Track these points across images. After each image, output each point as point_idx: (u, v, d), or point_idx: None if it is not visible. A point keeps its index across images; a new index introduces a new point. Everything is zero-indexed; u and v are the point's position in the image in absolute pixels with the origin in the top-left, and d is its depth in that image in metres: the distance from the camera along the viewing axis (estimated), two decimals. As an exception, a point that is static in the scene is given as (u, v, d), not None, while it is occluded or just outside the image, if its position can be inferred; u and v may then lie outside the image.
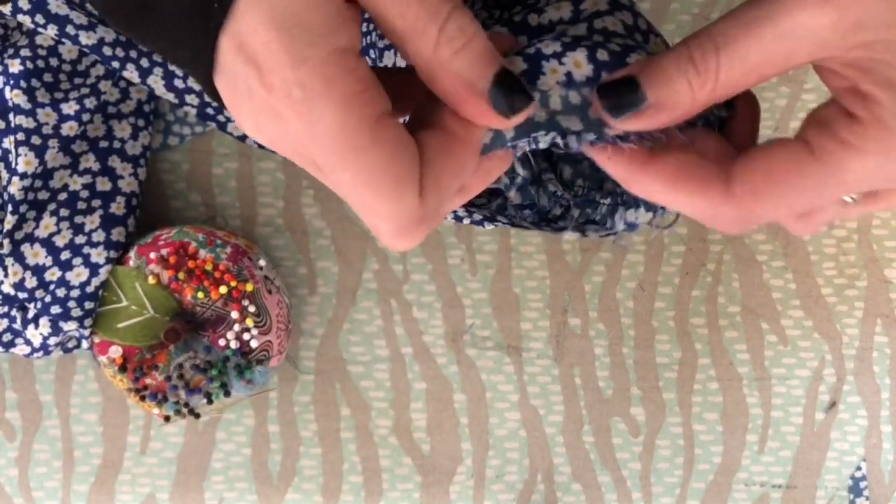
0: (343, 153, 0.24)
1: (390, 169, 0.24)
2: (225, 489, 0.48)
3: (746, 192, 0.26)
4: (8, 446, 0.48)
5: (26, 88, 0.42)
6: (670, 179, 0.27)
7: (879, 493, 0.49)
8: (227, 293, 0.42)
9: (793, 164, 0.26)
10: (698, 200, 0.27)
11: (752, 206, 0.26)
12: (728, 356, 0.49)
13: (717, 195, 0.27)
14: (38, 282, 0.43)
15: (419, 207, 0.25)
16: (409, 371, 0.48)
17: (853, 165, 0.25)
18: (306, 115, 0.23)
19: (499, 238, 0.48)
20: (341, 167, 0.24)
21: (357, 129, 0.24)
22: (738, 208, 0.27)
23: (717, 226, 0.28)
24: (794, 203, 0.26)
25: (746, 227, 0.28)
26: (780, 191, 0.26)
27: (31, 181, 0.42)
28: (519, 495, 0.49)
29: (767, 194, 0.26)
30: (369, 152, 0.24)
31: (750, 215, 0.27)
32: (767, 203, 0.26)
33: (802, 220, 0.28)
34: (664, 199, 0.28)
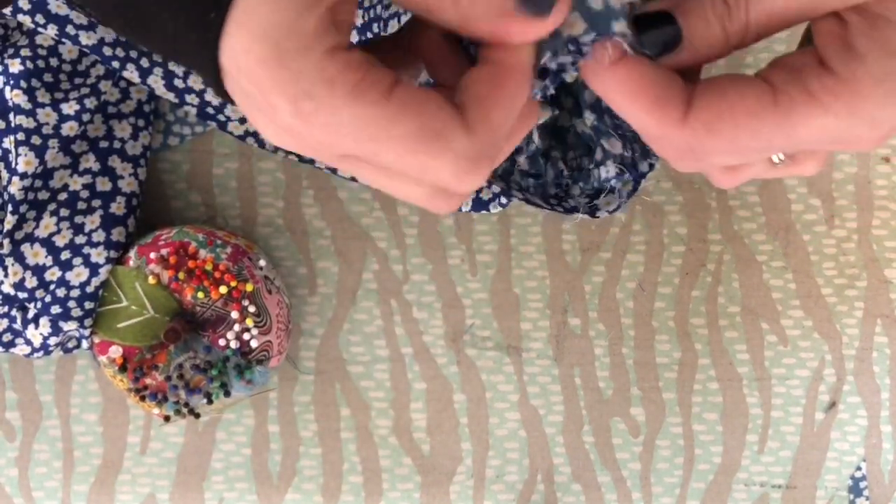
0: (377, 137, 0.24)
1: (426, 125, 0.24)
2: (225, 489, 0.48)
3: (700, 122, 0.25)
4: (8, 446, 0.48)
5: (26, 88, 0.42)
6: (631, 85, 0.26)
7: (879, 493, 0.49)
8: (227, 293, 0.42)
9: (753, 105, 0.25)
10: (651, 117, 0.26)
11: (702, 138, 0.26)
12: (728, 356, 0.49)
13: (672, 118, 0.26)
14: (38, 282, 0.43)
15: (472, 144, 0.25)
16: (409, 371, 0.48)
17: (812, 121, 0.24)
18: (324, 122, 0.24)
19: (499, 238, 0.48)
20: (382, 149, 0.24)
21: (376, 111, 0.24)
22: (688, 137, 0.26)
23: (663, 152, 0.27)
24: (743, 144, 0.25)
25: (689, 162, 0.27)
26: (734, 128, 0.25)
27: (32, 181, 0.42)
28: (519, 495, 0.49)
29: (720, 129, 0.25)
30: (399, 123, 0.24)
31: (697, 148, 0.26)
32: (718, 138, 0.25)
33: (729, 171, 0.28)
34: (620, 105, 0.26)
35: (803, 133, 0.24)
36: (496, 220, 0.48)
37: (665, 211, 0.48)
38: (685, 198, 0.48)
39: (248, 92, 0.24)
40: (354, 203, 0.48)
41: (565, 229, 0.48)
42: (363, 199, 0.48)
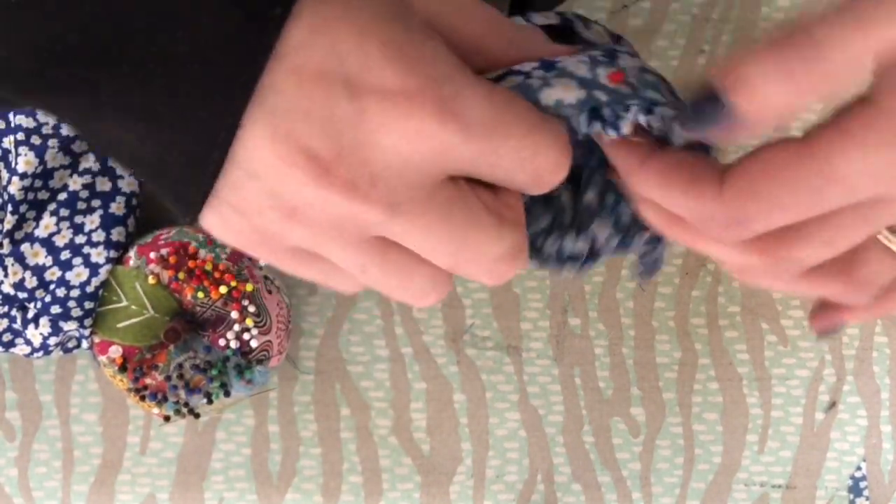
0: (501, 119, 0.22)
1: (529, 107, 0.23)
2: (225, 489, 0.48)
3: (736, 189, 0.24)
4: (8, 446, 0.48)
5: (26, 88, 0.42)
6: (665, 172, 0.25)
7: (879, 493, 0.50)
8: (226, 293, 0.42)
9: (784, 154, 0.24)
10: (690, 197, 0.25)
11: (742, 204, 0.24)
12: (728, 356, 0.49)
13: (709, 191, 0.25)
14: (38, 282, 0.43)
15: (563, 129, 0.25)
16: (408, 371, 0.48)
17: (848, 154, 0.23)
18: (460, 109, 0.22)
19: (499, 238, 0.48)
20: (504, 134, 0.22)
21: (495, 93, 0.23)
22: (728, 207, 0.24)
23: (711, 230, 0.26)
24: (787, 203, 0.24)
25: (738, 233, 0.25)
26: (769, 181, 0.24)
27: (31, 181, 0.42)
28: (519, 495, 0.49)
29: (756, 190, 0.24)
30: (513, 102, 0.23)
31: (741, 216, 0.25)
32: (757, 201, 0.24)
33: (832, 274, 0.27)
34: (658, 193, 0.26)
35: (843, 169, 0.23)
36: (496, 219, 0.48)
37: (665, 211, 0.48)
38: (685, 198, 0.48)
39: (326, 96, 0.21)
40: (354, 203, 0.48)
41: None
42: (363, 198, 0.48)
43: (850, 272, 0.27)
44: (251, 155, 0.21)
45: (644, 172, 0.26)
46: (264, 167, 0.22)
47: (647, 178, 0.26)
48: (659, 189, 0.26)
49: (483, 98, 0.22)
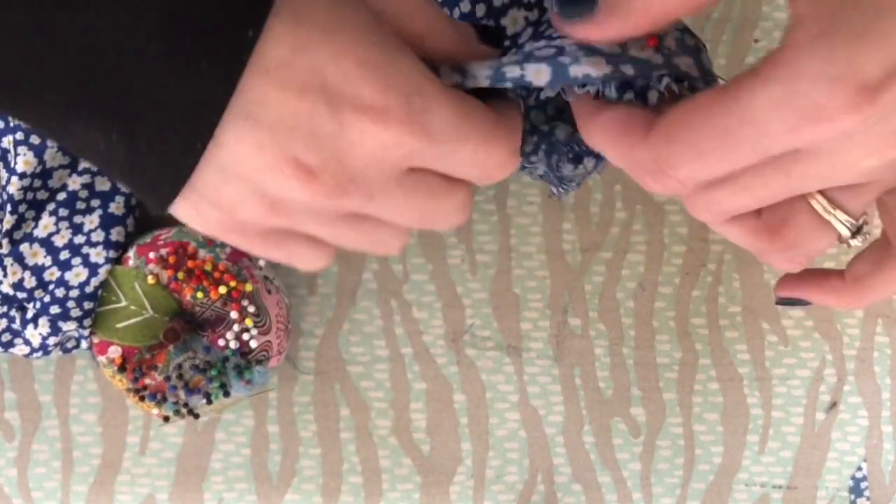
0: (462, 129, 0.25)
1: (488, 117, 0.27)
2: (224, 489, 0.48)
3: (658, 134, 0.25)
4: (7, 446, 0.48)
5: (25, 88, 0.42)
6: (605, 124, 0.27)
7: (880, 493, 0.49)
8: (226, 293, 0.42)
9: (703, 100, 0.24)
10: (619, 143, 0.27)
11: (663, 148, 0.25)
12: (728, 356, 0.49)
13: (636, 136, 0.26)
14: (37, 282, 0.43)
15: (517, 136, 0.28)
16: (408, 371, 0.48)
17: (758, 95, 0.23)
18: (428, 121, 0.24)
19: (499, 238, 0.48)
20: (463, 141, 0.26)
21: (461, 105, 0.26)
22: (651, 152, 0.26)
23: (636, 174, 0.27)
24: (704, 146, 0.24)
25: (661, 179, 0.26)
26: (687, 129, 0.24)
27: (30, 181, 0.42)
28: (519, 496, 0.49)
29: (675, 133, 0.25)
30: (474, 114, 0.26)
31: (662, 161, 0.25)
32: (677, 144, 0.25)
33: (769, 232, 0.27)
34: (599, 144, 0.28)
35: (759, 112, 0.23)
36: (496, 219, 0.48)
37: (666, 210, 0.48)
38: (686, 197, 0.48)
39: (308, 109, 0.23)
40: (354, 203, 0.48)
41: (566, 229, 0.48)
42: (363, 198, 0.48)
43: (778, 230, 0.27)
44: (238, 160, 0.24)
45: (591, 126, 0.28)
46: (252, 171, 0.24)
47: (591, 131, 0.28)
48: (600, 140, 0.27)
49: (447, 110, 0.25)
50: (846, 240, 0.28)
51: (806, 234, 0.27)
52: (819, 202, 0.27)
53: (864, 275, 0.30)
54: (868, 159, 0.24)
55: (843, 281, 0.30)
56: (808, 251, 0.28)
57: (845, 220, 0.27)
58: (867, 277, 0.30)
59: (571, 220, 0.48)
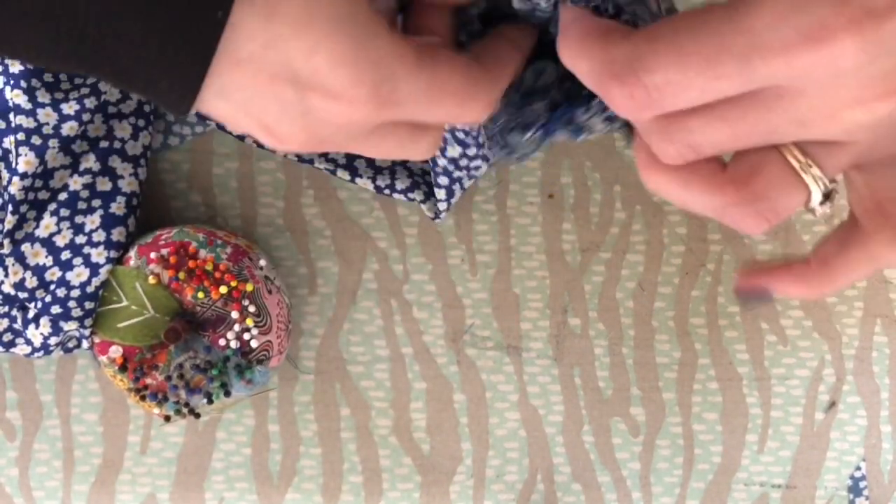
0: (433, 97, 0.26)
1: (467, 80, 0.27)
2: (225, 489, 0.48)
3: (642, 33, 0.24)
4: (8, 446, 0.48)
5: (26, 88, 0.42)
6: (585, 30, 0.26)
7: (879, 493, 0.50)
8: (227, 293, 0.42)
9: (703, 9, 0.23)
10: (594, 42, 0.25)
11: (642, 46, 0.23)
12: (728, 356, 0.49)
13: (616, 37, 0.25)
14: (38, 282, 0.43)
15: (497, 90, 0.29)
16: (409, 371, 0.48)
17: (763, 3, 0.22)
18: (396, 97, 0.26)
19: (499, 238, 0.48)
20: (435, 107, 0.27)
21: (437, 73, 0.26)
22: (624, 49, 0.24)
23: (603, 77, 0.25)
24: (688, 50, 0.22)
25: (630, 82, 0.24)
26: (675, 32, 0.23)
27: (32, 181, 0.42)
28: (519, 495, 0.49)
29: (661, 34, 0.23)
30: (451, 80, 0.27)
31: (637, 59, 0.23)
32: (659, 44, 0.23)
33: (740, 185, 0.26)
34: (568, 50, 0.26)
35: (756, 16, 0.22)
36: (496, 219, 0.48)
37: (665, 211, 0.48)
38: (685, 198, 0.48)
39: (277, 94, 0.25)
40: (354, 203, 0.48)
41: (565, 229, 0.48)
42: (363, 199, 0.48)
43: (746, 180, 0.26)
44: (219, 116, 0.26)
45: (571, 28, 0.27)
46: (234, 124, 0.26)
47: (569, 32, 0.27)
48: (575, 39, 0.26)
49: (419, 85, 0.26)
50: (814, 205, 0.26)
51: (776, 187, 0.26)
52: (794, 154, 0.25)
53: (830, 256, 0.28)
54: (853, 109, 0.23)
55: (807, 267, 0.29)
56: (775, 205, 0.26)
57: (819, 178, 0.26)
58: (834, 258, 0.28)
59: (571, 221, 0.48)
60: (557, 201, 0.48)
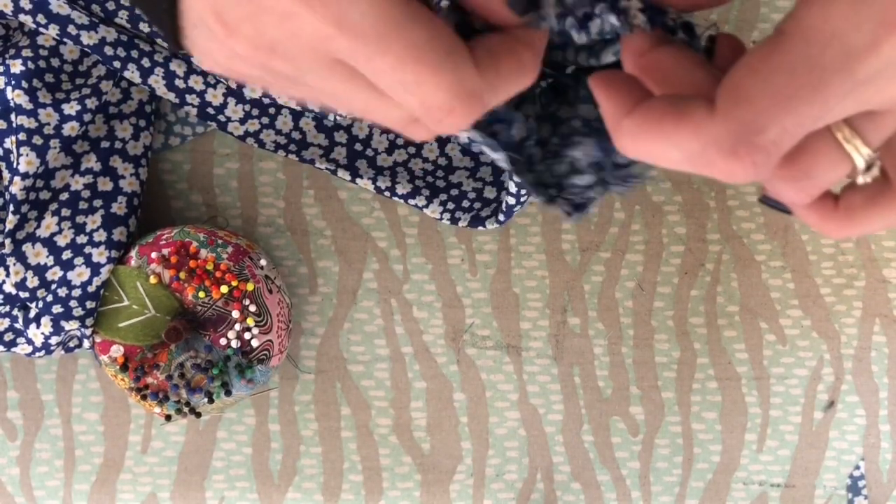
0: (384, 34, 0.23)
1: (438, 41, 0.23)
2: (226, 488, 0.49)
3: (727, 98, 0.22)
4: (9, 445, 0.48)
5: (28, 89, 0.42)
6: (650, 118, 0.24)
7: (878, 492, 0.50)
8: (228, 293, 0.42)
9: (770, 48, 0.22)
10: (682, 132, 0.23)
11: (740, 113, 0.22)
12: (727, 355, 0.49)
13: (700, 116, 0.23)
14: (39, 281, 0.43)
15: (477, 78, 0.24)
16: (409, 370, 0.49)
17: (828, 19, 0.21)
18: (335, 4, 0.22)
19: (499, 238, 0.48)
20: (382, 50, 0.23)
21: (392, 9, 0.23)
22: (725, 122, 0.22)
23: (715, 159, 0.23)
24: (789, 90, 0.22)
25: (746, 151, 0.22)
26: (764, 79, 0.22)
27: (33, 181, 0.42)
28: (519, 494, 0.49)
29: (751, 89, 0.22)
30: (411, 28, 0.23)
31: (744, 128, 0.22)
32: (757, 100, 0.22)
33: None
34: (648, 145, 0.24)
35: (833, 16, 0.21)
36: (496, 219, 0.48)
37: (664, 211, 0.48)
38: (684, 198, 0.48)
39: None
40: (355, 203, 0.48)
41: (565, 229, 0.48)
42: (363, 199, 0.48)
43: (794, 157, 0.25)
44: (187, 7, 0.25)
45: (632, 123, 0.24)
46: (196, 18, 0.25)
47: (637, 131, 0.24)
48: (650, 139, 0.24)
49: (372, 7, 0.23)
50: (858, 173, 0.26)
51: (822, 162, 0.25)
52: (842, 131, 0.25)
53: (857, 207, 0.28)
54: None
55: (834, 209, 0.28)
56: (819, 182, 0.25)
57: (864, 152, 0.25)
58: (861, 210, 0.28)
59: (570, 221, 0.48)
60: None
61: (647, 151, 0.24)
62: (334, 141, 0.46)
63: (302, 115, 0.46)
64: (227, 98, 0.45)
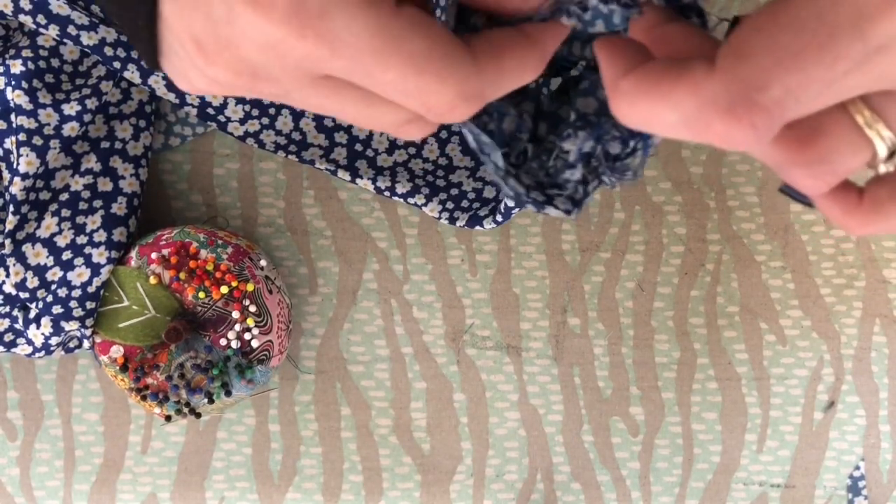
0: (382, 50, 0.22)
1: (437, 47, 0.23)
2: (226, 488, 0.49)
3: (730, 54, 0.21)
4: (10, 445, 0.48)
5: (28, 89, 0.42)
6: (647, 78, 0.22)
7: (878, 492, 0.50)
8: (228, 293, 0.42)
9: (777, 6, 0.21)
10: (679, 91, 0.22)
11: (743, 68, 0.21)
12: (727, 356, 0.49)
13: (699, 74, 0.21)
14: (39, 282, 0.43)
15: (478, 76, 0.24)
16: (409, 371, 0.49)
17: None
18: (326, 28, 0.22)
19: (498, 238, 0.48)
20: (382, 66, 0.22)
21: (389, 23, 0.22)
22: (724, 79, 0.21)
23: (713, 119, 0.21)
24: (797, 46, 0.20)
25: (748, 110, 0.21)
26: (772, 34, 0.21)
27: (33, 181, 0.42)
28: (518, 494, 0.49)
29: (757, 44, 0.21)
30: (409, 39, 0.22)
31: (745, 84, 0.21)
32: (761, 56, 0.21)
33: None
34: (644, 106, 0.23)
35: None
36: (496, 220, 0.48)
37: (664, 211, 0.48)
38: (684, 198, 0.48)
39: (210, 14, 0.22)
40: (355, 203, 0.48)
41: (565, 229, 0.48)
42: (363, 199, 0.48)
43: (810, 140, 0.24)
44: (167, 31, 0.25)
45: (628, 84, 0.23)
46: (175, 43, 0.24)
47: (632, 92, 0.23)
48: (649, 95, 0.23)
49: (360, 24, 0.22)
50: (879, 161, 0.24)
51: (840, 147, 0.24)
52: (862, 113, 0.24)
53: (884, 199, 0.26)
54: None
55: (859, 202, 0.26)
56: (837, 168, 0.24)
57: (887, 136, 0.24)
58: (887, 203, 0.26)
59: (570, 221, 0.48)
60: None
61: (643, 114, 0.23)
62: (334, 141, 0.46)
63: (302, 115, 0.46)
64: (226, 98, 0.45)
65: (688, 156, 0.48)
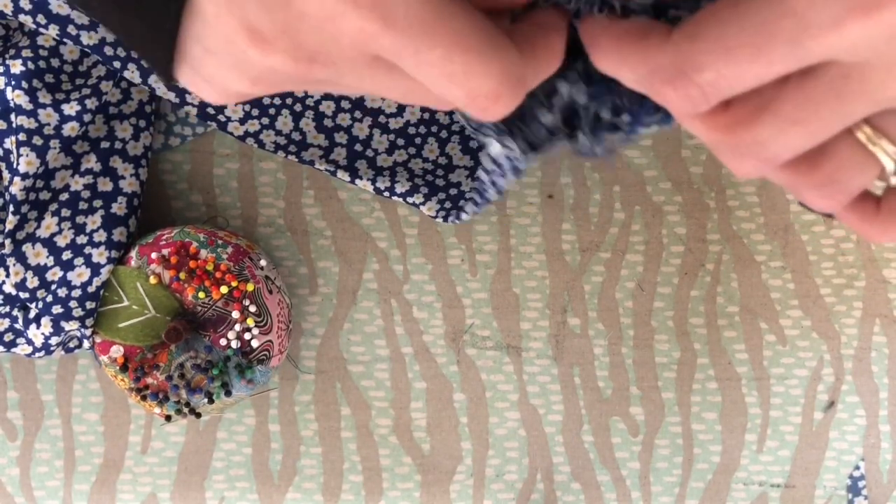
0: (430, 27, 0.22)
1: (481, 29, 0.23)
2: (226, 488, 0.49)
3: (683, 32, 0.23)
4: (9, 445, 0.48)
5: (28, 89, 0.42)
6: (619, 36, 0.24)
7: (878, 492, 0.50)
8: (228, 293, 0.42)
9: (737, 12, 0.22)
10: (634, 50, 0.24)
11: (687, 47, 0.22)
12: (727, 356, 0.49)
13: (655, 43, 0.23)
14: (39, 282, 0.43)
15: (521, 63, 0.24)
16: (409, 371, 0.49)
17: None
18: (378, 2, 0.22)
19: (498, 238, 0.48)
20: (429, 43, 0.22)
21: (439, 3, 0.22)
22: (672, 52, 0.23)
23: (658, 86, 0.23)
24: (734, 42, 0.22)
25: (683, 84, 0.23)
26: (717, 25, 0.22)
27: (33, 181, 0.42)
28: (518, 494, 0.49)
29: (703, 30, 0.22)
30: (454, 18, 0.22)
31: (684, 61, 0.22)
32: (703, 41, 0.22)
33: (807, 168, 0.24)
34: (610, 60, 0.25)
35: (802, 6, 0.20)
36: (496, 220, 0.48)
37: (664, 211, 0.48)
38: (684, 198, 0.48)
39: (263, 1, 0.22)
40: (355, 203, 0.48)
41: (565, 229, 0.48)
42: (363, 199, 0.48)
43: (816, 162, 0.25)
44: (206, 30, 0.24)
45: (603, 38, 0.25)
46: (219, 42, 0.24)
47: (602, 43, 0.25)
48: (612, 50, 0.25)
49: (422, 9, 0.22)
50: (889, 175, 0.25)
51: (847, 167, 0.25)
52: (864, 131, 0.24)
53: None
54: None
55: (876, 211, 0.27)
56: (846, 187, 0.25)
57: (892, 151, 0.24)
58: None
59: (570, 221, 0.48)
60: (557, 201, 0.48)
61: (610, 67, 0.25)
62: (334, 142, 0.46)
63: (302, 115, 0.46)
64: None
65: (688, 156, 0.48)
